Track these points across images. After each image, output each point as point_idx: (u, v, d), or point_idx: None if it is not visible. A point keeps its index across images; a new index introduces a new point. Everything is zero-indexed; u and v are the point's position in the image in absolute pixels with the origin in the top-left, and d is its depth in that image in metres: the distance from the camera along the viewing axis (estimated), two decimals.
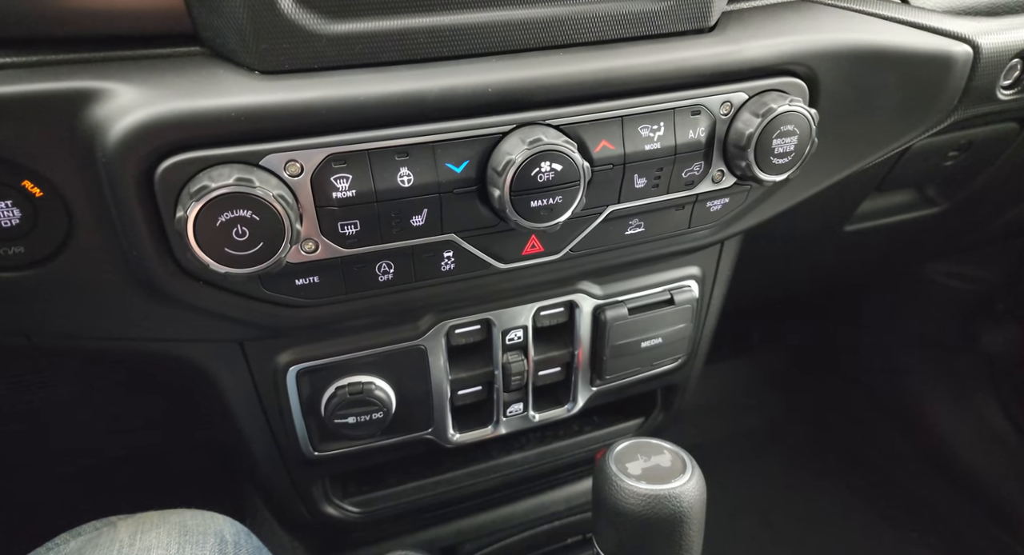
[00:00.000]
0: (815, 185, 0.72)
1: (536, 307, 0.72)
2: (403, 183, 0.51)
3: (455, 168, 0.53)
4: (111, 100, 0.45)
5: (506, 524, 0.95)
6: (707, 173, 0.62)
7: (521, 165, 0.51)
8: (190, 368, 0.62)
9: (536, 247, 0.61)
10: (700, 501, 0.57)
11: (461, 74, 0.51)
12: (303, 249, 0.52)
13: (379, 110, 0.49)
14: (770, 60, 0.59)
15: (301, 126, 0.48)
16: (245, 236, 0.46)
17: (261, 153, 0.47)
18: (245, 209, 0.45)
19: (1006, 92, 0.72)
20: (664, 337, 0.79)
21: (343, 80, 0.49)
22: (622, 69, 0.55)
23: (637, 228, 0.64)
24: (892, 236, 1.07)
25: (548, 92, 0.53)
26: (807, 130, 0.59)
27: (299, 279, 0.54)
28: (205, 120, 0.45)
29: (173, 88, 0.45)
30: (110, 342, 0.57)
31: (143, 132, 0.44)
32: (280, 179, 0.48)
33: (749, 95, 0.59)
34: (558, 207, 0.54)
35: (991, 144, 0.89)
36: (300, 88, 0.48)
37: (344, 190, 0.50)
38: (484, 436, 0.78)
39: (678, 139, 0.58)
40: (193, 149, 0.45)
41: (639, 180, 0.59)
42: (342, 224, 0.51)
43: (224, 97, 0.46)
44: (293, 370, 0.64)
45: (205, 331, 0.57)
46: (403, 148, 0.51)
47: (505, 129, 0.53)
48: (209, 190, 0.44)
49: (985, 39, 0.67)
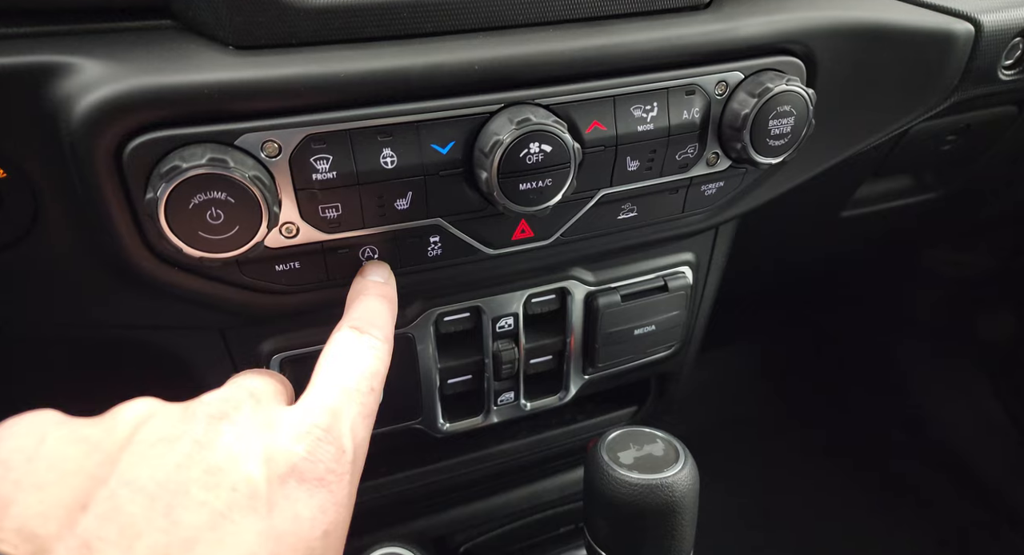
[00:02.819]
0: (812, 169, 0.71)
1: (527, 294, 0.70)
2: (386, 165, 0.49)
3: (440, 149, 0.51)
4: (76, 75, 0.42)
5: (498, 513, 0.95)
6: (701, 156, 0.60)
7: (509, 146, 0.49)
8: (168, 357, 0.60)
9: (526, 232, 0.60)
10: (693, 490, 0.56)
11: (446, 51, 0.49)
12: (282, 233, 0.50)
13: (360, 88, 0.47)
14: (767, 38, 0.57)
15: (278, 104, 0.46)
16: (220, 219, 0.44)
17: (236, 132, 0.45)
18: (219, 191, 0.43)
19: (1007, 72, 0.71)
20: (657, 324, 0.77)
21: (322, 56, 0.47)
22: (614, 47, 0.53)
23: (630, 213, 0.62)
24: (889, 221, 1.06)
25: (537, 70, 0.51)
26: (804, 111, 0.57)
27: (279, 265, 0.52)
28: (176, 97, 0.43)
29: (142, 63, 0.43)
30: (81, 330, 0.55)
31: (110, 109, 0.42)
32: (257, 160, 0.46)
33: (745, 74, 0.58)
34: (548, 190, 0.52)
35: (990, 128, 0.88)
36: (277, 64, 0.46)
37: (324, 172, 0.48)
38: (475, 425, 0.77)
39: (672, 120, 0.57)
40: (164, 128, 0.43)
41: (632, 163, 0.58)
42: (323, 207, 0.49)
43: (196, 73, 0.44)
44: (276, 359, 0.62)
45: (183, 319, 0.56)
46: (386, 128, 0.49)
47: (492, 108, 0.51)
48: (181, 171, 0.42)
49: (987, 17, 0.66)
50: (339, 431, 0.37)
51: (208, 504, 0.32)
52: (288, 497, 0.34)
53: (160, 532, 0.30)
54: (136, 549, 0.29)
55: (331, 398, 0.39)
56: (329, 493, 0.35)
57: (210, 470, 0.33)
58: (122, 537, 0.29)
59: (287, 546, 0.33)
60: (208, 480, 0.32)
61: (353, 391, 0.40)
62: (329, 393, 0.39)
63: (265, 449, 0.35)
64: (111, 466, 0.32)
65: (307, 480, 0.35)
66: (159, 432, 0.34)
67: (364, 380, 0.41)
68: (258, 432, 0.36)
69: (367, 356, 0.43)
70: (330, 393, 0.39)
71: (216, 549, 0.31)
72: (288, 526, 0.33)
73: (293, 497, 0.34)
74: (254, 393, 0.39)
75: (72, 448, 0.33)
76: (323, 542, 0.35)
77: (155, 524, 0.30)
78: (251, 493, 0.33)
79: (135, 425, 0.35)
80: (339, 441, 0.37)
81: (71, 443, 0.33)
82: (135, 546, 0.29)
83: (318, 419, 0.37)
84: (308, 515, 0.34)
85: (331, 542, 0.36)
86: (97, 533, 0.29)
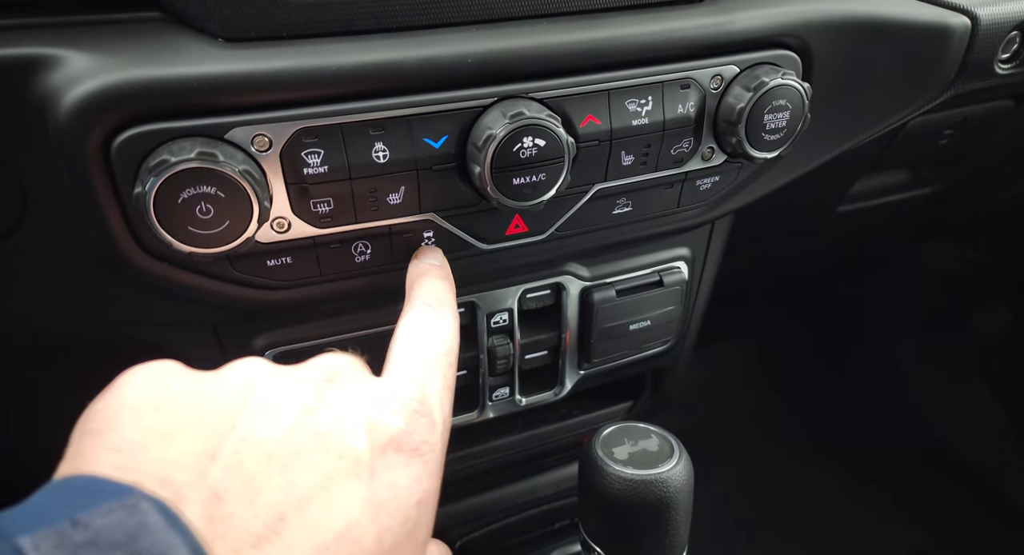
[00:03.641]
0: (808, 163, 0.70)
1: (522, 289, 0.70)
2: (378, 159, 0.49)
3: (433, 143, 0.50)
4: (63, 68, 0.42)
5: (493, 509, 0.95)
6: (697, 150, 0.60)
7: (502, 140, 0.49)
8: (160, 354, 0.60)
9: (520, 227, 0.59)
10: (687, 486, 0.56)
11: (439, 44, 0.49)
12: (273, 228, 0.49)
13: (352, 81, 0.47)
14: (762, 32, 0.57)
15: (269, 98, 0.45)
16: (210, 214, 0.43)
17: (226, 126, 0.44)
18: (209, 185, 0.43)
19: (1004, 66, 0.70)
20: (653, 319, 0.77)
21: (313, 49, 0.46)
22: (609, 40, 0.53)
23: (625, 207, 0.62)
24: (886, 216, 1.06)
25: (531, 64, 0.51)
26: (800, 105, 0.57)
27: (271, 260, 0.51)
28: (164, 90, 0.42)
29: (130, 55, 0.43)
30: (71, 326, 0.54)
31: (97, 102, 0.41)
32: (247, 154, 0.45)
33: (740, 68, 0.57)
34: (542, 185, 0.52)
35: (987, 122, 0.87)
36: (267, 57, 0.45)
37: (316, 166, 0.48)
38: (470, 421, 0.76)
39: (667, 114, 0.56)
40: (152, 121, 0.43)
41: (626, 157, 0.57)
42: (314, 202, 0.49)
43: (185, 66, 0.43)
44: (270, 354, 0.62)
45: (174, 314, 0.55)
46: (378, 122, 0.48)
47: (486, 102, 0.50)
48: (169, 165, 0.41)
49: (984, 10, 0.65)
50: (430, 404, 0.39)
51: (318, 467, 0.32)
52: (387, 466, 0.35)
53: (278, 490, 0.31)
54: (257, 504, 0.30)
55: (419, 372, 0.40)
56: (423, 464, 0.36)
57: (318, 435, 0.34)
58: (245, 491, 0.30)
59: (387, 513, 0.34)
60: (317, 444, 0.33)
61: (436, 365, 0.41)
62: (416, 367, 0.40)
63: (367, 419, 0.36)
64: (231, 421, 0.33)
65: (404, 451, 0.36)
66: (270, 394, 0.35)
67: (444, 355, 0.42)
68: (359, 402, 0.37)
69: (445, 331, 0.44)
70: (417, 367, 0.40)
71: (325, 512, 0.31)
72: (387, 494, 0.34)
73: (392, 466, 0.35)
74: (350, 365, 0.40)
75: (196, 400, 0.33)
76: (417, 511, 0.36)
77: (273, 482, 0.31)
78: (356, 460, 0.34)
79: (248, 384, 0.35)
80: (431, 414, 0.38)
81: (195, 395, 0.34)
82: (256, 501, 0.30)
83: (412, 392, 0.38)
84: (405, 484, 0.35)
85: (425, 511, 0.37)
86: (224, 484, 0.30)
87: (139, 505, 0.27)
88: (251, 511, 0.30)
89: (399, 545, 0.34)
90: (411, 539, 0.35)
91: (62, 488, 0.28)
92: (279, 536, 0.30)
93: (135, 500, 0.27)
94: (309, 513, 0.31)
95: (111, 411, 0.32)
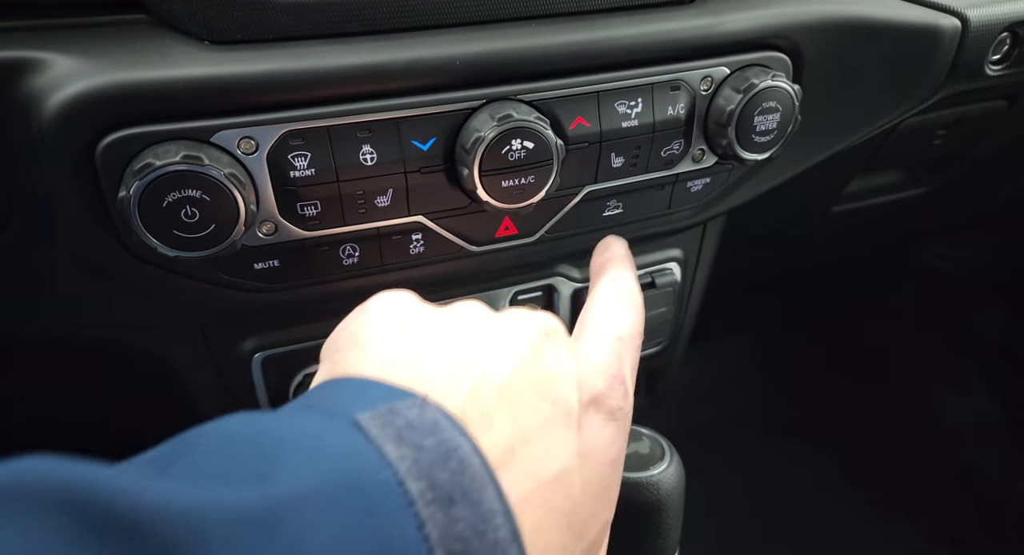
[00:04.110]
0: (799, 164, 0.70)
1: (513, 291, 0.70)
2: (366, 161, 0.49)
3: (421, 146, 0.50)
4: (47, 71, 0.42)
5: None
6: (687, 152, 0.60)
7: (491, 142, 0.49)
8: (147, 356, 0.60)
9: (510, 229, 0.59)
10: (678, 489, 0.56)
11: (427, 46, 0.48)
12: (261, 231, 0.49)
13: (339, 84, 0.47)
14: (752, 33, 0.57)
15: (255, 100, 0.45)
16: (195, 218, 0.43)
17: (211, 129, 0.44)
18: (194, 189, 0.42)
19: (994, 67, 0.70)
20: (645, 321, 0.77)
21: (299, 52, 0.46)
22: (598, 42, 0.52)
23: (615, 209, 0.62)
24: (881, 216, 1.05)
25: (520, 66, 0.51)
26: (790, 107, 0.57)
27: (258, 263, 0.51)
28: (149, 93, 0.42)
29: (114, 58, 0.43)
30: (58, 330, 0.54)
31: (81, 105, 0.41)
32: (233, 157, 0.45)
33: (730, 70, 0.57)
34: (531, 187, 0.52)
35: (980, 123, 0.87)
36: (253, 60, 0.45)
37: (303, 169, 0.47)
38: None
39: (656, 116, 0.56)
40: (136, 124, 0.43)
41: (616, 159, 0.57)
42: (301, 205, 0.49)
43: (170, 68, 0.43)
44: (259, 357, 0.62)
45: (161, 317, 0.55)
46: (365, 124, 0.48)
47: (474, 105, 0.50)
48: (154, 168, 0.41)
49: (974, 12, 0.65)
50: (624, 374, 0.41)
51: (539, 411, 0.34)
52: (590, 423, 0.37)
53: (508, 425, 0.33)
54: (492, 434, 0.32)
55: (616, 345, 0.42)
56: (617, 427, 0.38)
57: (537, 381, 0.35)
58: (483, 420, 0.32)
59: (588, 467, 0.35)
60: (537, 388, 0.35)
61: (630, 344, 0.43)
62: (617, 338, 0.43)
63: (576, 375, 0.38)
64: (471, 354, 0.35)
65: (602, 411, 0.38)
66: (504, 337, 0.37)
67: (637, 336, 0.45)
68: (571, 358, 0.38)
69: (635, 312, 0.46)
70: (617, 339, 0.43)
71: (542, 453, 0.33)
72: (589, 448, 0.36)
73: (593, 424, 0.37)
74: (560, 326, 0.42)
75: (441, 329, 0.37)
76: (611, 470, 0.37)
77: (503, 416, 0.33)
78: (567, 411, 0.35)
79: (483, 324, 0.38)
80: (625, 383, 0.40)
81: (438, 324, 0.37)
82: (492, 431, 0.32)
83: (611, 360, 0.41)
84: (603, 443, 0.37)
85: (616, 473, 0.38)
86: (467, 410, 0.32)
87: (427, 406, 0.30)
88: (489, 439, 0.31)
89: (597, 498, 0.36)
90: (605, 496, 0.37)
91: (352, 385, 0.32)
92: (505, 469, 0.31)
93: (423, 401, 0.30)
94: (531, 451, 0.32)
95: (367, 329, 0.36)
